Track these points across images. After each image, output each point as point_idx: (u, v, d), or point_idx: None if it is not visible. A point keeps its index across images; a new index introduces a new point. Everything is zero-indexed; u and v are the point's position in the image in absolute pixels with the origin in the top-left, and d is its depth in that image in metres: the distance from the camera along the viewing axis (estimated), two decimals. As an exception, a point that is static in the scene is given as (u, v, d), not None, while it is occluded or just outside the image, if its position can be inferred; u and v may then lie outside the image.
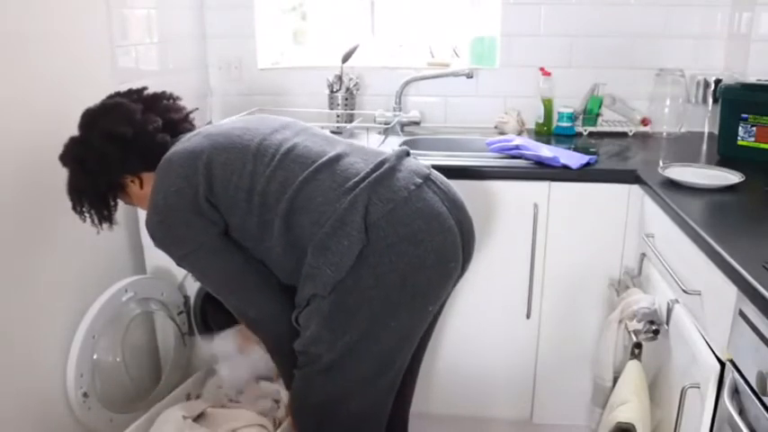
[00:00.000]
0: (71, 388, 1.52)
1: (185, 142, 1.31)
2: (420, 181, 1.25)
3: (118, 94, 1.39)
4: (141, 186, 1.35)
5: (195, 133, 1.34)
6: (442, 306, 1.40)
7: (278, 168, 1.23)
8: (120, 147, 1.30)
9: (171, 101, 1.44)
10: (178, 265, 1.34)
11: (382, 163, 1.26)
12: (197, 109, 1.50)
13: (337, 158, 1.26)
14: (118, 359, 1.65)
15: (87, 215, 1.35)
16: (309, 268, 1.22)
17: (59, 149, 1.34)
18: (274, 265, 1.30)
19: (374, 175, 1.22)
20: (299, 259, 1.24)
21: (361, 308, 1.21)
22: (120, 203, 1.42)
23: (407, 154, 1.35)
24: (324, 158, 1.24)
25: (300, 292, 1.26)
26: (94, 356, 1.59)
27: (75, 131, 1.36)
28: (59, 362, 1.53)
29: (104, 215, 1.37)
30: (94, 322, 1.57)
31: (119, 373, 1.67)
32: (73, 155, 1.32)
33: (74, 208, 1.34)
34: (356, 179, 1.22)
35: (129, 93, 1.40)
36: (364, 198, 1.19)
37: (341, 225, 1.18)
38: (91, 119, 1.33)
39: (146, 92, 1.42)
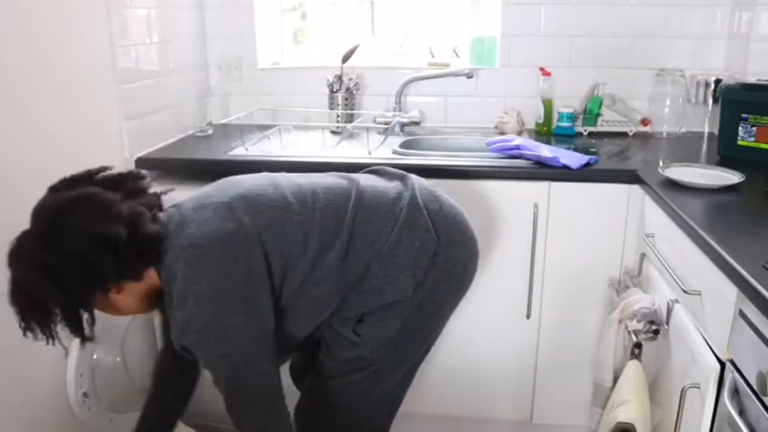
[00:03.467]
0: (71, 388, 1.52)
1: (202, 221, 1.12)
2: (434, 190, 1.34)
3: (74, 182, 1.10)
4: (118, 291, 1.12)
5: (200, 205, 1.16)
6: None
7: (326, 206, 1.19)
8: (113, 251, 1.05)
9: (137, 181, 1.18)
10: (206, 367, 1.17)
11: (400, 178, 1.33)
12: (173, 189, 1.27)
13: (358, 183, 1.28)
14: (118, 359, 1.65)
15: (46, 333, 1.07)
16: (375, 280, 1.19)
17: (60, 152, 1.31)
18: (314, 301, 1.20)
19: (411, 181, 1.30)
20: (344, 292, 1.20)
21: (440, 303, 1.28)
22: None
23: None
24: (349, 186, 1.25)
25: (366, 304, 1.22)
26: (94, 356, 1.59)
27: (75, 134, 1.33)
28: (59, 362, 1.53)
29: (76, 329, 1.10)
30: (94, 322, 1.57)
31: (119, 373, 1.67)
32: (36, 263, 1.03)
33: (24, 320, 1.07)
34: (396, 190, 1.27)
35: (88, 176, 1.13)
36: (418, 200, 1.25)
37: (407, 229, 1.21)
38: (57, 216, 1.04)
39: (103, 174, 1.14)
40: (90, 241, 1.03)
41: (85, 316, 1.11)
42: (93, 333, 1.13)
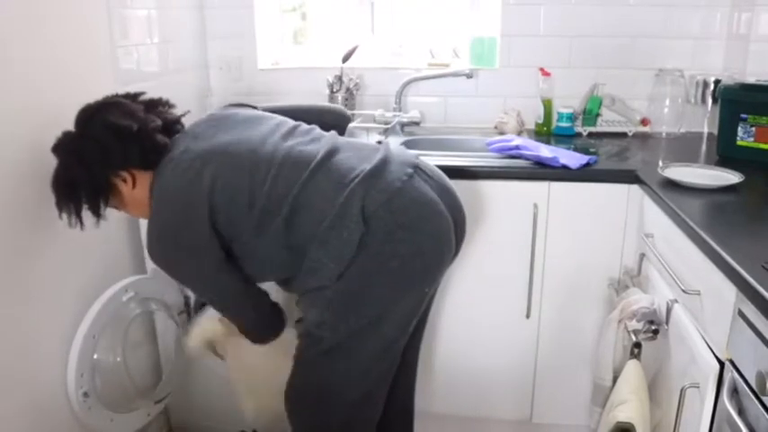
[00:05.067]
0: (71, 388, 1.52)
1: (179, 160, 1.31)
2: (411, 171, 1.32)
3: (116, 96, 1.40)
4: (134, 185, 1.35)
5: (184, 149, 1.33)
6: (435, 290, 1.47)
7: (277, 177, 1.27)
8: (122, 140, 1.30)
9: (167, 107, 1.45)
10: (174, 278, 1.41)
11: (373, 157, 1.32)
12: (189, 112, 1.51)
13: (329, 156, 1.31)
14: (118, 359, 1.65)
15: (73, 211, 1.33)
16: (311, 262, 1.27)
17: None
18: (264, 259, 1.33)
19: (368, 169, 1.28)
20: (293, 257, 1.29)
21: (366, 294, 1.27)
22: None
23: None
24: (317, 159, 1.29)
25: (302, 284, 1.31)
26: (95, 356, 1.59)
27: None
28: (60, 362, 1.53)
29: (95, 210, 1.35)
30: (95, 322, 1.57)
31: (119, 372, 1.67)
32: (69, 147, 1.31)
33: (59, 203, 1.32)
34: (351, 175, 1.27)
35: (127, 95, 1.41)
36: (360, 191, 1.25)
37: (340, 219, 1.24)
38: (92, 113, 1.33)
39: (142, 96, 1.43)
40: (108, 130, 1.30)
41: (102, 204, 1.36)
42: (105, 216, 1.38)
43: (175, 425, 2.00)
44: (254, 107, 1.52)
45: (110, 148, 1.30)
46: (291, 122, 1.41)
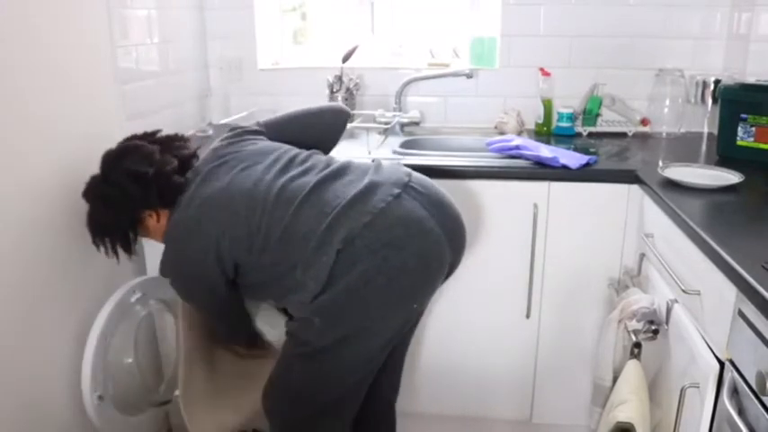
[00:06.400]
0: (86, 392, 1.51)
1: (188, 206, 1.36)
2: (398, 191, 1.32)
3: (135, 137, 1.49)
4: (158, 220, 1.43)
5: (192, 195, 1.38)
6: (426, 303, 1.46)
7: (271, 217, 1.32)
8: (141, 185, 1.39)
9: (182, 142, 1.54)
10: (179, 295, 1.50)
11: (360, 182, 1.34)
12: (201, 146, 1.60)
13: (317, 186, 1.34)
14: (130, 360, 1.65)
15: (109, 247, 1.44)
16: (295, 282, 1.31)
17: (61, 152, 1.36)
18: (257, 287, 1.41)
19: (352, 194, 1.30)
20: (282, 283, 1.34)
21: (352, 307, 1.29)
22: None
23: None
24: (304, 192, 1.33)
25: (288, 300, 1.37)
26: (108, 358, 1.57)
27: (76, 134, 1.36)
28: (68, 367, 1.53)
29: (126, 247, 1.46)
30: (107, 324, 1.56)
31: (131, 373, 1.67)
32: (96, 192, 1.42)
33: (94, 241, 1.43)
34: (334, 203, 1.30)
35: (145, 135, 1.50)
36: (342, 218, 1.28)
37: (322, 244, 1.27)
38: (113, 160, 1.43)
39: (159, 134, 1.52)
40: (130, 177, 1.39)
41: (132, 237, 1.47)
42: (135, 250, 1.50)
43: (175, 425, 2.00)
44: (259, 130, 1.54)
45: (131, 193, 1.40)
46: (290, 154, 1.43)
